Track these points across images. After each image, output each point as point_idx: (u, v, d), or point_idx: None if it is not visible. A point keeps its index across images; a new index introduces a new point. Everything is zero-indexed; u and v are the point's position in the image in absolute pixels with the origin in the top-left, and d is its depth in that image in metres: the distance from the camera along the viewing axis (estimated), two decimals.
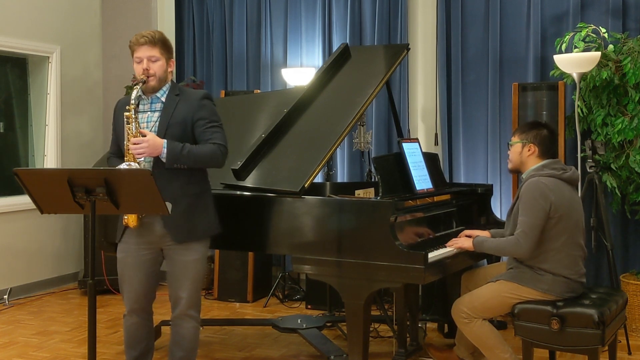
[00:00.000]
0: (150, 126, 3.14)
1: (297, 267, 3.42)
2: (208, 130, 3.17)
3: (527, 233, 3.27)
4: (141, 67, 3.13)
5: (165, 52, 3.18)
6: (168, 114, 3.15)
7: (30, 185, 2.77)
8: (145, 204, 2.83)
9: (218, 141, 3.16)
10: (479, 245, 3.46)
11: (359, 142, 5.11)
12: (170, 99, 3.18)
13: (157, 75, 3.14)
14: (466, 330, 3.45)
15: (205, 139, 3.15)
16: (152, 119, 3.17)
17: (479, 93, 5.36)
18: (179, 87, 3.30)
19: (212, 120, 3.20)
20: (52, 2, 5.97)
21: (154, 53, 3.14)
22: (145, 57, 3.12)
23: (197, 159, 3.11)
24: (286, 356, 4.20)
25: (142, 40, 3.13)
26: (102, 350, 4.23)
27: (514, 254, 3.38)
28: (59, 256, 6.09)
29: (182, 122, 3.14)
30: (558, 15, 5.10)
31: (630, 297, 4.33)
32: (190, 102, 3.18)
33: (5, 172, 5.84)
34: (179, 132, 3.13)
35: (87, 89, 6.35)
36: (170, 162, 3.06)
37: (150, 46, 3.13)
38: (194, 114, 3.16)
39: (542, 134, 3.47)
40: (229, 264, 5.53)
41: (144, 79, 3.11)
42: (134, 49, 3.16)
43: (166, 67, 3.19)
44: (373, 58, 4.31)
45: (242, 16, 6.20)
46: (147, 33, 3.16)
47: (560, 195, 3.32)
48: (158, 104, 3.19)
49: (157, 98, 3.19)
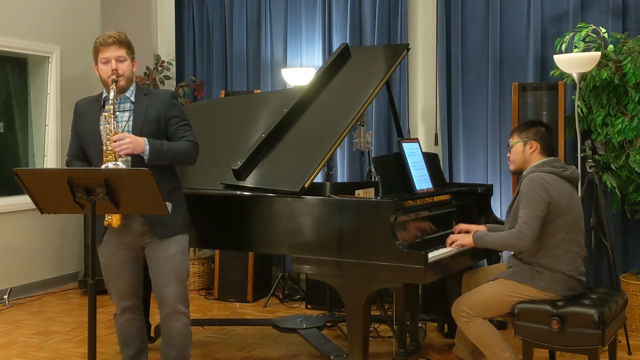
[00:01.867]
0: (122, 125, 3.17)
1: (297, 267, 3.42)
2: (181, 129, 3.25)
3: (529, 224, 3.27)
4: (109, 67, 3.14)
5: (130, 52, 3.23)
6: (141, 112, 3.19)
7: (30, 185, 2.77)
8: (145, 204, 2.83)
9: (191, 138, 3.25)
10: (479, 240, 3.45)
11: (359, 142, 5.11)
12: (140, 98, 3.22)
13: (125, 75, 3.17)
14: (466, 329, 3.45)
15: (178, 137, 3.23)
16: (123, 118, 3.19)
17: (479, 93, 5.36)
18: (144, 87, 3.37)
19: (183, 119, 3.28)
20: (52, 2, 5.97)
21: (121, 53, 3.17)
22: (113, 57, 3.15)
23: (175, 155, 3.18)
24: (286, 356, 4.20)
25: (109, 40, 3.16)
26: (102, 350, 4.23)
27: (516, 246, 3.36)
28: (59, 256, 6.09)
29: (155, 120, 3.19)
30: (558, 15, 5.10)
31: (630, 297, 4.33)
32: (160, 100, 3.24)
33: (5, 172, 5.84)
34: (154, 130, 3.18)
35: (87, 89, 6.32)
36: (152, 158, 3.10)
37: (117, 46, 3.16)
38: (167, 113, 3.23)
39: (541, 130, 3.49)
40: (229, 264, 5.53)
41: (115, 79, 3.12)
42: (99, 49, 3.17)
43: (132, 67, 3.23)
44: (373, 58, 4.31)
45: (242, 16, 6.20)
46: (113, 34, 3.19)
47: (559, 192, 3.32)
48: (127, 104, 3.22)
49: (125, 98, 3.22)
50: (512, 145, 3.54)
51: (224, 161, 3.78)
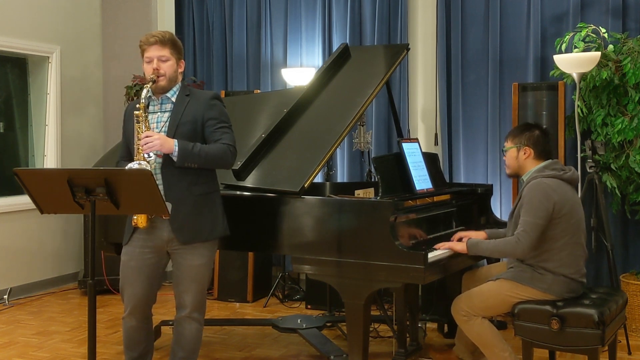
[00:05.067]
0: (160, 126, 3.14)
1: (297, 267, 3.42)
2: (218, 131, 3.17)
3: (527, 232, 3.27)
4: (151, 66, 3.13)
5: (175, 52, 3.19)
6: (178, 113, 3.15)
7: (30, 185, 2.77)
8: (145, 204, 2.83)
9: (228, 142, 3.16)
10: (473, 248, 3.43)
11: (359, 142, 5.11)
12: (180, 99, 3.19)
13: (167, 75, 3.14)
14: (466, 328, 3.45)
15: (215, 139, 3.15)
16: (162, 119, 3.17)
17: (479, 93, 5.36)
18: (189, 87, 3.31)
19: (222, 121, 3.20)
20: (52, 2, 5.97)
21: (164, 53, 3.14)
22: (155, 57, 3.13)
23: (207, 158, 3.10)
24: (286, 356, 4.20)
25: (152, 40, 3.14)
26: (102, 350, 4.23)
27: (512, 253, 3.36)
28: (59, 256, 6.09)
29: (192, 121, 3.14)
30: (558, 15, 5.10)
31: (630, 297, 4.33)
32: (200, 102, 3.19)
33: (5, 172, 5.84)
34: (189, 131, 3.13)
35: (87, 89, 6.34)
36: (182, 160, 3.05)
37: (160, 46, 3.14)
38: (204, 114, 3.16)
39: (534, 135, 3.46)
40: (229, 264, 5.53)
41: (154, 79, 3.10)
42: (144, 48, 3.16)
43: (176, 67, 3.19)
44: (373, 58, 4.31)
45: (242, 16, 6.20)
46: (157, 33, 3.17)
47: (562, 195, 3.32)
48: (168, 105, 3.19)
49: (167, 98, 3.19)
50: (506, 150, 3.53)
51: None
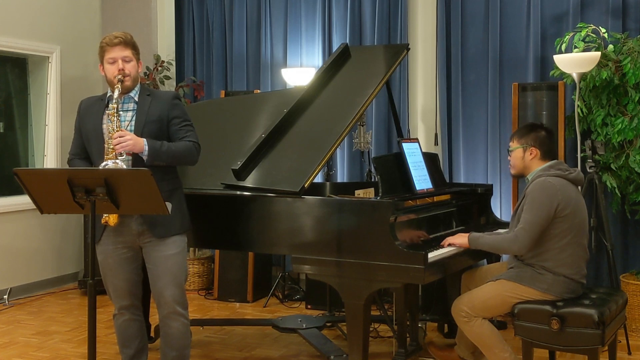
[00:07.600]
0: (125, 125, 3.18)
1: (297, 267, 3.42)
2: (183, 129, 3.26)
3: (526, 230, 3.27)
4: (115, 67, 3.17)
5: (136, 53, 3.25)
6: (143, 112, 3.21)
7: (30, 185, 2.77)
8: (145, 204, 2.84)
9: (192, 139, 3.26)
10: (474, 242, 3.45)
11: (359, 142, 5.10)
12: (143, 99, 3.24)
13: (131, 75, 3.20)
14: (466, 329, 3.45)
15: (180, 137, 3.24)
16: (126, 118, 3.21)
17: (479, 93, 5.36)
18: (148, 87, 3.40)
19: (185, 120, 3.29)
20: (52, 2, 5.97)
21: (127, 53, 3.20)
22: (119, 57, 3.18)
23: (175, 155, 3.19)
24: (286, 356, 4.20)
25: (115, 40, 3.18)
26: (102, 350, 4.23)
27: (509, 249, 3.37)
28: (59, 256, 6.09)
29: (158, 120, 3.21)
30: (558, 15, 5.10)
31: (630, 297, 4.33)
32: (163, 101, 3.26)
33: (5, 172, 5.84)
34: (156, 130, 3.19)
35: (87, 89, 6.32)
36: (151, 158, 3.11)
37: (123, 47, 3.19)
38: (169, 113, 3.24)
39: (541, 135, 3.46)
40: (229, 264, 5.53)
41: (121, 79, 3.15)
42: (106, 49, 3.20)
43: (137, 67, 3.26)
44: (373, 58, 4.31)
45: (242, 16, 6.20)
46: (119, 34, 3.22)
47: (566, 195, 3.32)
48: (131, 104, 3.24)
49: (130, 98, 3.24)
50: (512, 151, 3.53)
51: (223, 161, 3.78)
